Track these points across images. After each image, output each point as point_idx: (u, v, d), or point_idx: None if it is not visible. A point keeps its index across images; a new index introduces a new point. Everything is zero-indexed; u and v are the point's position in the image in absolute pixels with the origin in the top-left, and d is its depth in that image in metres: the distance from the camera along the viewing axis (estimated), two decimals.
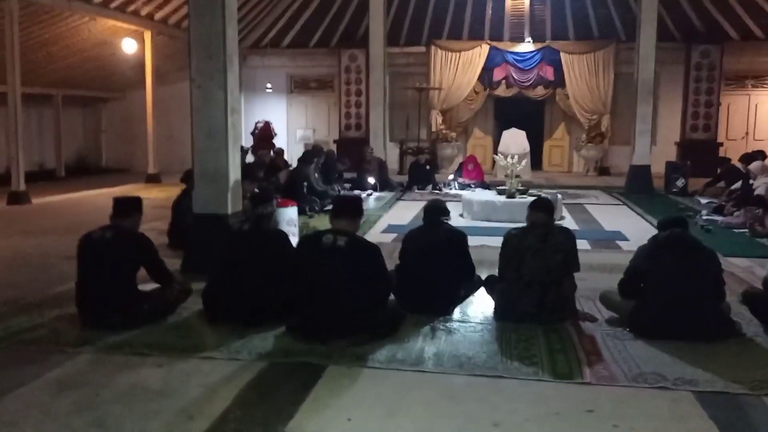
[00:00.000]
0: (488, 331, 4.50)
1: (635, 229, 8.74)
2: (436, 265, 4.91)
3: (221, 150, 5.93)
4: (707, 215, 9.34)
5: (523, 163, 10.17)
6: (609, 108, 16.12)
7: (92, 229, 4.61)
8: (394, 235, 8.04)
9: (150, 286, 4.74)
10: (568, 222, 9.43)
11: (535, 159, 17.21)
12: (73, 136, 17.53)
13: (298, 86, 18.27)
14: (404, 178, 13.68)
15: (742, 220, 8.45)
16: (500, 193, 9.79)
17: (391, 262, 5.03)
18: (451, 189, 12.68)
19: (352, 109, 17.28)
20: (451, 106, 16.88)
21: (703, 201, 11.01)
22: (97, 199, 11.32)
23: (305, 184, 10.01)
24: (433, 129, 16.95)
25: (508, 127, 15.75)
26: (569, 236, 4.80)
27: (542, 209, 4.91)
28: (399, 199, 11.86)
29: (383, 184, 12.85)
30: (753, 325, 4.55)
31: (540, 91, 16.67)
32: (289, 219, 5.87)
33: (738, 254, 7.00)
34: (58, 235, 7.97)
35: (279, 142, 16.46)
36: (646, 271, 4.50)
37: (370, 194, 12.08)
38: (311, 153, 10.89)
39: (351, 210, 4.29)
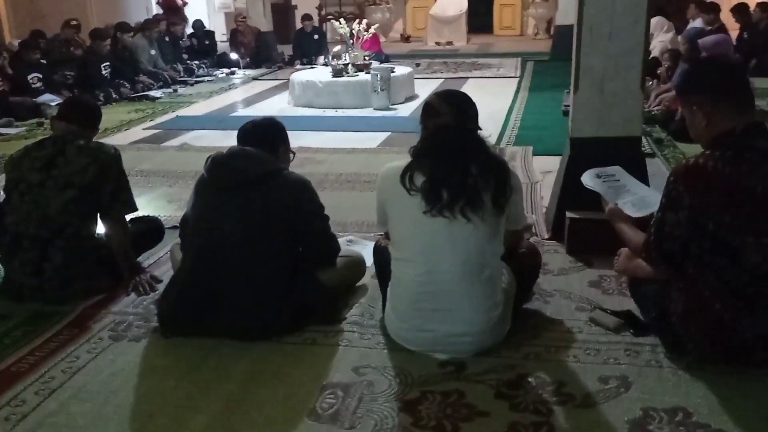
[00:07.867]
0: None
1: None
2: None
3: None
4: None
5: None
6: None
7: None
8: (155, 133, 6.26)
9: None
10: (402, 108, 7.15)
11: (486, 21, 14.88)
12: None
13: None
14: None
15: None
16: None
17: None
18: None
19: None
20: None
21: None
22: None
23: (106, 65, 8.12)
24: None
25: None
26: (100, 156, 2.89)
27: (64, 115, 3.01)
28: (256, 78, 9.81)
29: (261, 60, 10.85)
30: None
31: None
32: None
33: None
34: None
35: (194, 13, 14.30)
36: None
37: (233, 72, 10.10)
38: (120, 26, 8.86)
39: None
